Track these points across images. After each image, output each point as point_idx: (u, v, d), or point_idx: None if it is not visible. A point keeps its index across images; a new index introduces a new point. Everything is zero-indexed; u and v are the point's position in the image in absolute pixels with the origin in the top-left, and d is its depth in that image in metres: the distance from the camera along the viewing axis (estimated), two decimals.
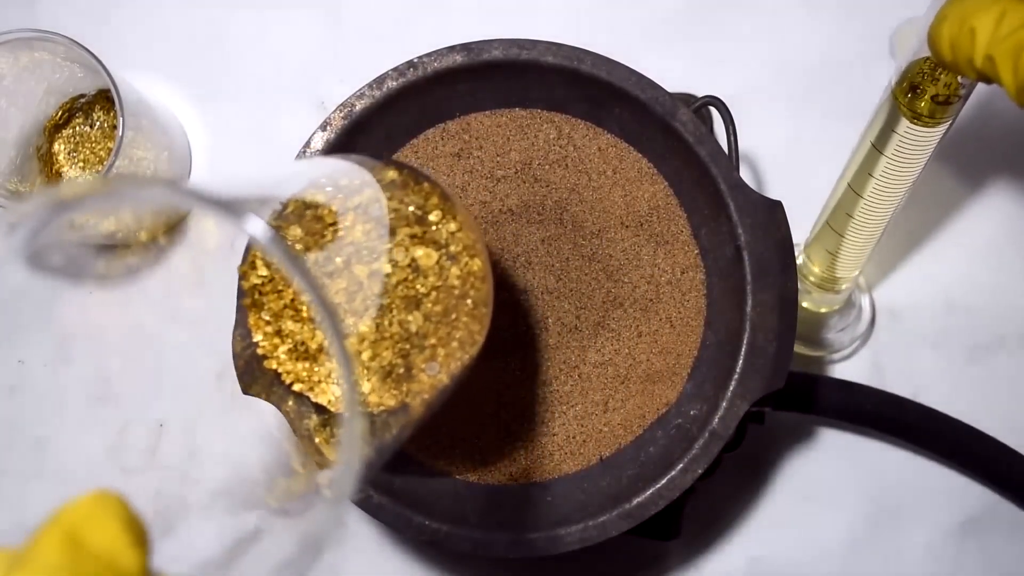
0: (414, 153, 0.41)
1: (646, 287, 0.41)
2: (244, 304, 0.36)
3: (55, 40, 0.41)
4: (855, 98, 0.48)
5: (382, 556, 0.47)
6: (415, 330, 0.35)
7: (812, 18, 0.48)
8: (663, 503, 0.37)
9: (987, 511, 0.46)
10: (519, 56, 0.39)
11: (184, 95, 0.50)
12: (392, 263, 0.35)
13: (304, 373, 0.36)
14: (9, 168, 0.44)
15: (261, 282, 0.36)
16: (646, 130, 0.39)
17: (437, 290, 0.35)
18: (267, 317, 0.36)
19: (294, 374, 0.36)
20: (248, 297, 0.36)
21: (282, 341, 0.36)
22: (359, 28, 0.49)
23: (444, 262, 0.35)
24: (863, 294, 0.47)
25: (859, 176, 0.38)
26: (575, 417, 0.41)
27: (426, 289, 0.35)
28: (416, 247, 0.35)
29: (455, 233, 0.34)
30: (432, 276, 0.35)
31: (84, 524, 0.20)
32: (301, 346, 0.36)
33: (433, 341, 0.35)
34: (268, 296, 0.36)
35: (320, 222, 0.35)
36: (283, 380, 0.36)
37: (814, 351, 0.47)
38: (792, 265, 0.38)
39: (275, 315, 0.36)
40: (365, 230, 0.35)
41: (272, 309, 0.36)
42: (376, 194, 0.35)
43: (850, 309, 0.47)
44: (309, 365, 0.36)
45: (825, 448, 0.47)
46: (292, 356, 0.36)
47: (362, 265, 0.35)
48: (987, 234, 0.47)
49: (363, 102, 0.39)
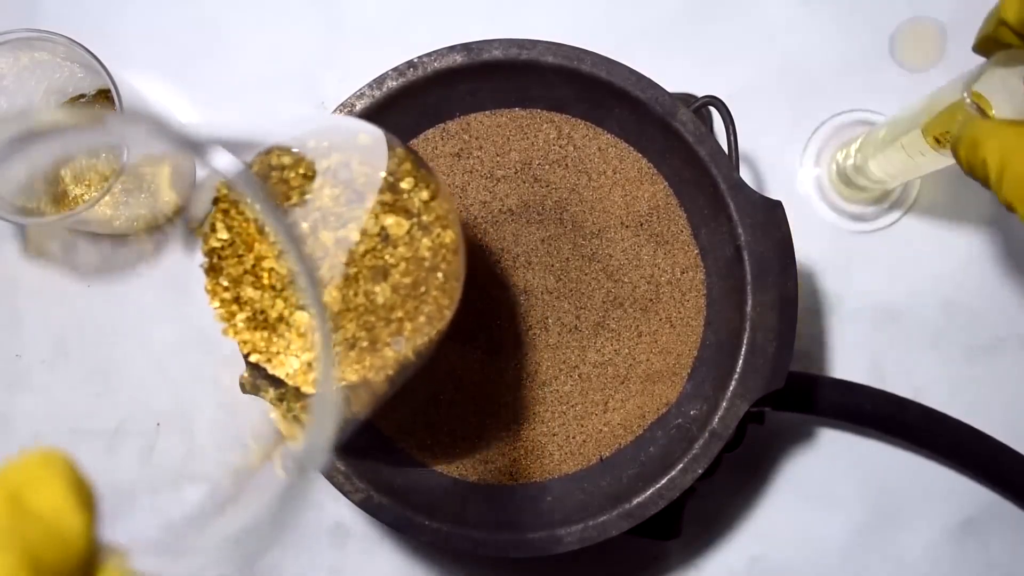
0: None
1: (646, 287, 0.41)
2: (202, 268, 0.34)
3: (55, 40, 0.41)
4: (855, 98, 0.48)
5: (382, 556, 0.47)
6: (382, 302, 0.33)
7: (812, 18, 0.48)
8: (663, 503, 0.37)
9: (987, 511, 0.46)
10: (519, 56, 0.39)
11: (184, 95, 0.50)
12: (360, 231, 0.33)
13: (262, 343, 0.34)
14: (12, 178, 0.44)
15: (221, 245, 0.34)
16: (646, 130, 0.39)
17: (407, 261, 0.33)
18: (225, 283, 0.34)
19: (251, 344, 0.34)
20: (207, 260, 0.34)
21: (240, 309, 0.34)
22: (359, 28, 0.49)
23: (415, 232, 0.33)
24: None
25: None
26: (575, 417, 0.41)
27: (395, 260, 0.33)
28: (386, 215, 0.33)
29: (428, 202, 0.33)
30: (402, 246, 0.33)
31: (28, 484, 0.20)
32: (260, 315, 0.34)
33: (400, 314, 0.34)
34: (228, 260, 0.34)
35: (286, 184, 0.34)
36: (240, 351, 0.34)
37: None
38: (792, 265, 0.38)
39: (234, 281, 0.34)
40: (333, 195, 0.33)
41: (231, 275, 0.34)
42: (346, 158, 0.34)
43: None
44: (268, 335, 0.34)
45: (825, 448, 0.47)
46: (250, 325, 0.34)
47: (328, 231, 0.34)
48: (987, 234, 0.47)
49: (363, 102, 0.39)
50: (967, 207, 0.48)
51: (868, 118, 0.48)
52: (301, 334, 0.34)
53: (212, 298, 0.34)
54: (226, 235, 0.34)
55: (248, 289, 0.34)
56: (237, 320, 0.34)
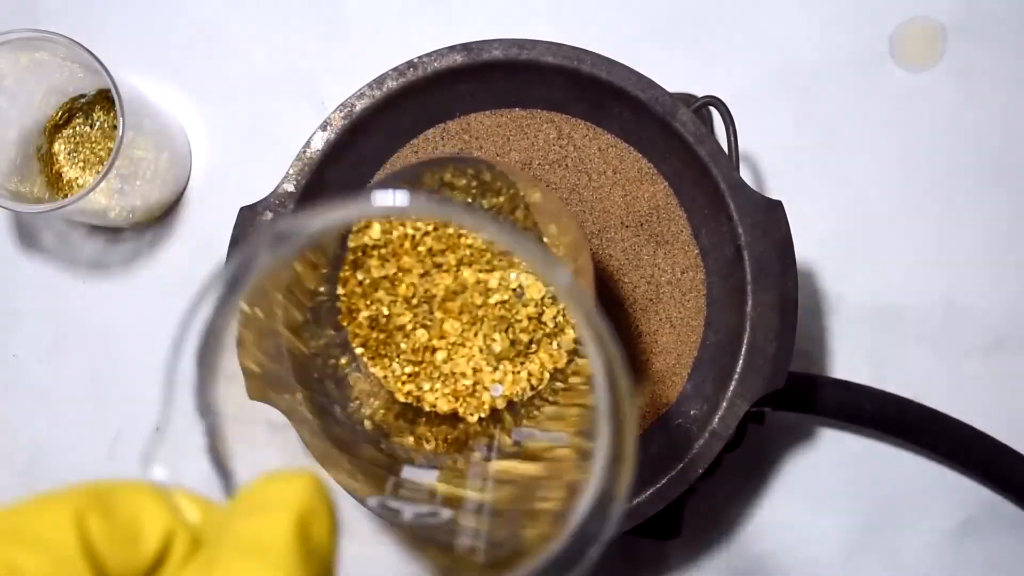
0: (414, 153, 0.41)
1: (646, 287, 0.41)
2: (345, 258, 0.37)
3: (55, 40, 0.41)
4: (855, 98, 0.48)
5: (383, 555, 0.47)
6: (498, 351, 0.36)
7: (812, 18, 0.48)
8: (663, 503, 0.37)
9: (987, 511, 0.46)
10: (519, 56, 0.39)
11: (184, 95, 0.50)
12: (499, 280, 0.36)
13: (373, 343, 0.37)
14: (9, 168, 0.44)
15: (372, 244, 0.37)
16: (646, 130, 0.39)
17: (531, 320, 0.36)
18: (361, 277, 0.37)
19: (362, 338, 0.37)
20: (351, 254, 0.37)
21: (366, 307, 0.37)
22: (359, 28, 0.49)
23: (546, 301, 0.37)
24: None
25: None
26: None
27: (521, 317, 0.36)
28: (528, 276, 0.36)
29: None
30: (532, 307, 0.36)
31: (312, 515, 0.18)
32: (384, 318, 0.37)
33: (508, 366, 0.37)
34: (372, 260, 0.37)
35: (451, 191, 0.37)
36: (349, 341, 0.37)
37: None
38: (792, 265, 0.38)
39: (372, 281, 0.37)
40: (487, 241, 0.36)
41: (372, 275, 0.37)
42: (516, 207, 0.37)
43: None
44: (383, 337, 0.37)
45: (825, 448, 0.47)
46: (370, 322, 0.37)
47: (471, 269, 0.36)
48: (987, 234, 0.47)
49: (363, 102, 0.39)
50: (967, 207, 0.48)
51: None
52: (415, 349, 0.37)
53: (342, 286, 0.37)
54: (378, 236, 0.37)
55: (381, 292, 0.37)
56: (360, 316, 0.37)
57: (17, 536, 0.17)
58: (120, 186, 0.43)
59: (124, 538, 0.17)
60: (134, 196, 0.45)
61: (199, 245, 0.49)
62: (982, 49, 0.48)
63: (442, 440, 0.36)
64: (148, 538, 0.18)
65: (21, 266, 0.49)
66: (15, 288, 0.49)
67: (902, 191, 0.48)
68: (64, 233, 0.49)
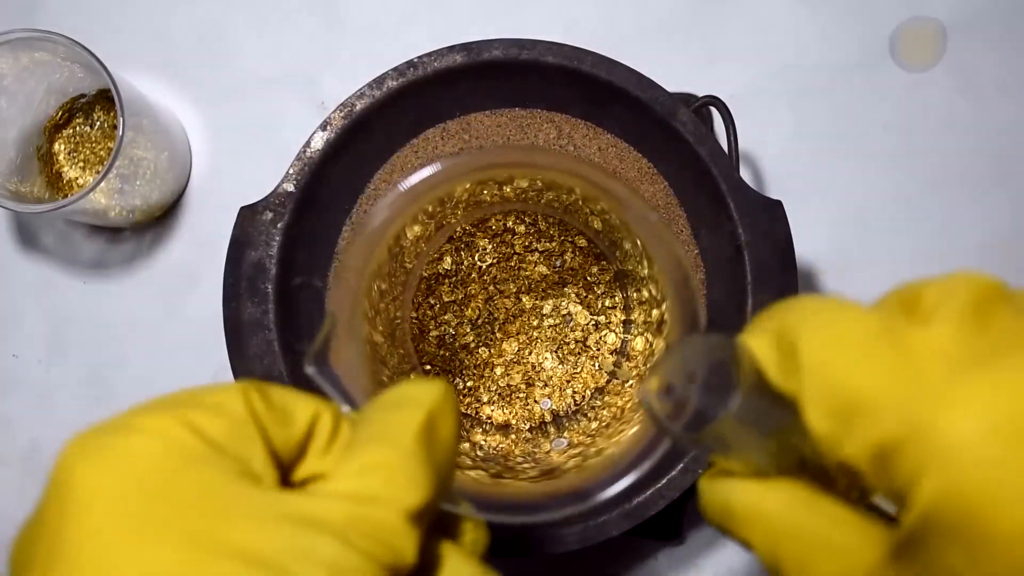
0: (414, 153, 0.41)
1: None
2: (418, 284, 0.41)
3: (55, 40, 0.41)
4: (855, 98, 0.48)
5: None
6: (548, 367, 0.41)
7: (812, 18, 0.48)
8: (663, 503, 0.37)
9: None
10: (519, 56, 0.39)
11: (184, 95, 0.50)
12: (553, 307, 0.42)
13: (439, 360, 0.41)
14: (9, 168, 0.44)
15: (444, 272, 0.41)
16: (646, 130, 0.39)
17: (577, 343, 0.41)
18: (432, 301, 0.41)
19: (429, 355, 0.41)
20: (423, 283, 0.41)
21: (435, 327, 0.41)
22: (359, 28, 0.49)
23: (589, 327, 0.41)
24: None
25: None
26: None
27: (568, 340, 0.41)
28: (576, 305, 0.41)
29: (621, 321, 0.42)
30: (578, 331, 0.42)
31: (441, 414, 0.21)
32: (450, 337, 0.41)
33: (556, 383, 0.41)
34: (443, 287, 0.41)
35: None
36: (418, 356, 0.41)
37: None
38: (792, 265, 0.38)
39: (442, 306, 0.41)
40: (543, 272, 0.42)
41: (443, 299, 0.41)
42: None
43: None
44: (447, 355, 0.41)
45: None
46: (436, 341, 0.41)
47: (529, 296, 0.41)
48: (987, 234, 0.47)
49: (363, 102, 0.39)
50: (966, 208, 0.48)
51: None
52: (476, 365, 0.41)
53: (414, 310, 0.41)
54: (449, 266, 0.41)
55: (449, 315, 0.41)
56: (430, 335, 0.41)
57: (197, 403, 0.20)
58: (120, 186, 0.43)
59: (279, 419, 0.20)
60: (134, 196, 0.45)
61: (199, 245, 0.49)
62: (982, 49, 0.48)
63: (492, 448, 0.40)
64: (298, 420, 0.21)
65: (21, 266, 0.49)
66: (15, 288, 0.49)
67: (902, 191, 0.48)
68: (64, 233, 0.49)
